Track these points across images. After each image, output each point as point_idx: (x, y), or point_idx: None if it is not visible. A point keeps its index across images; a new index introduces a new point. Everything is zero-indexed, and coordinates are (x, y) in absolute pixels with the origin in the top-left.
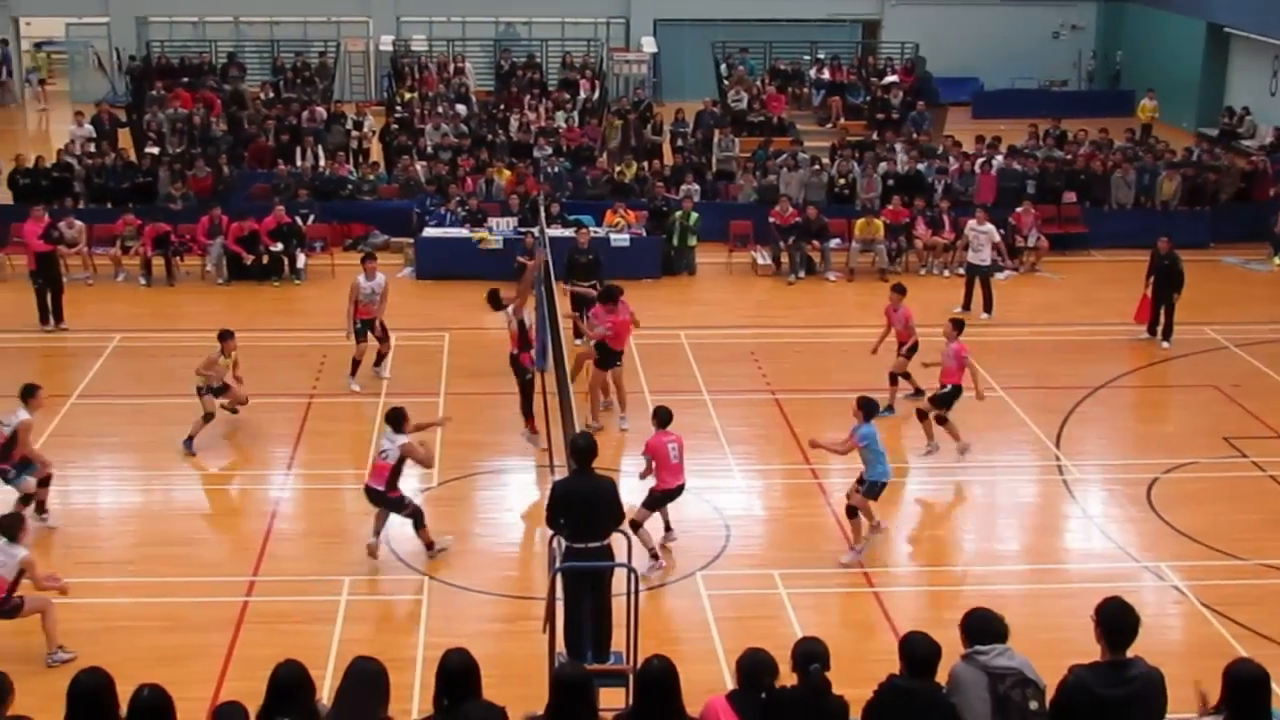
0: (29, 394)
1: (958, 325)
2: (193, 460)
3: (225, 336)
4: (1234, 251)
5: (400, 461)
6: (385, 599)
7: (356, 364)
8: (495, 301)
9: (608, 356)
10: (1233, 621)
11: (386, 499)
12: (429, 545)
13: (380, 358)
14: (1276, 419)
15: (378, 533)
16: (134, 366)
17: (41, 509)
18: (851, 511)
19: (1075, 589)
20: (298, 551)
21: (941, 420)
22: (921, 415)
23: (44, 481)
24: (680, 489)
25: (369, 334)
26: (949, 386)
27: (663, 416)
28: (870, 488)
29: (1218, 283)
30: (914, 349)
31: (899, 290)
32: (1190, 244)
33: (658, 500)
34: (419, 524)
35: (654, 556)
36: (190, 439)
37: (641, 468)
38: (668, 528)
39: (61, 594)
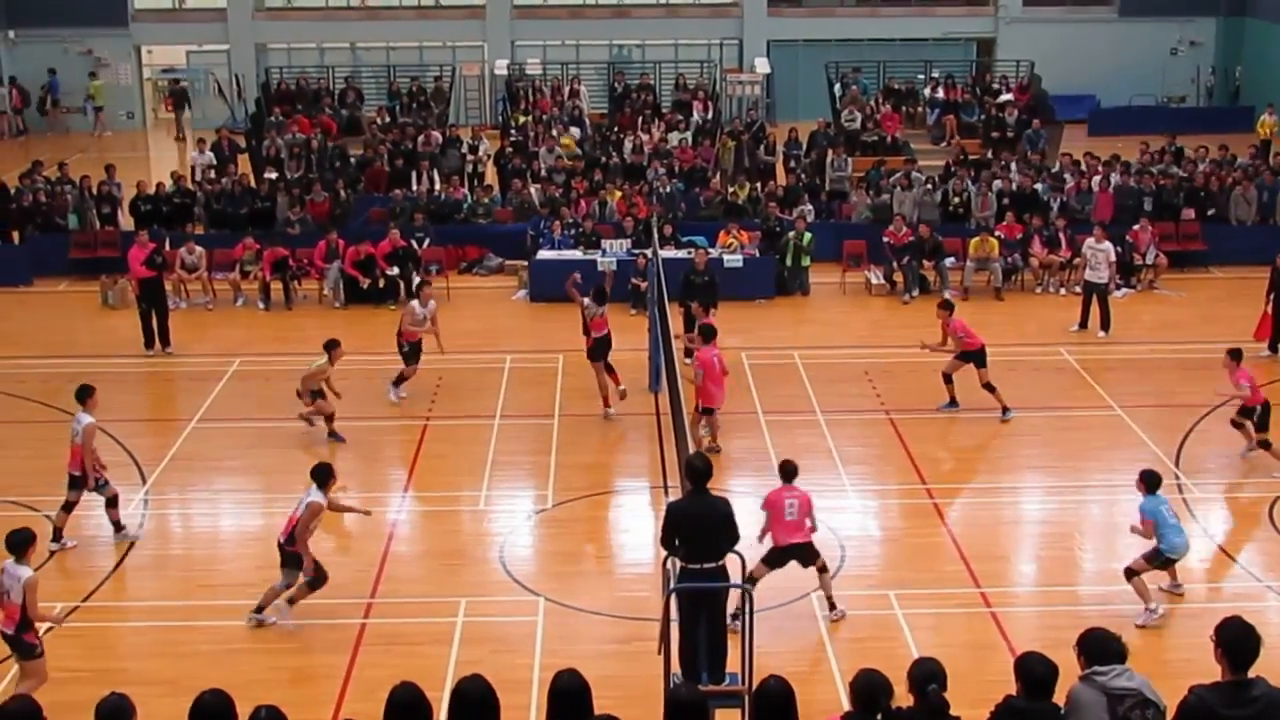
0: (85, 395)
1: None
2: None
3: (332, 346)
4: None
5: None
6: (501, 620)
7: (403, 379)
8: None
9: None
10: None
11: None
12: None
13: (400, 379)
14: None
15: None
16: (253, 390)
17: (119, 527)
18: (1129, 573)
19: (1196, 609)
20: (414, 573)
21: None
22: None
23: (112, 502)
24: (799, 547)
25: (420, 354)
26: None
27: (788, 471)
28: (1161, 560)
29: None
30: (977, 354)
31: (945, 306)
32: None
33: (777, 558)
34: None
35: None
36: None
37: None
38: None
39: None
